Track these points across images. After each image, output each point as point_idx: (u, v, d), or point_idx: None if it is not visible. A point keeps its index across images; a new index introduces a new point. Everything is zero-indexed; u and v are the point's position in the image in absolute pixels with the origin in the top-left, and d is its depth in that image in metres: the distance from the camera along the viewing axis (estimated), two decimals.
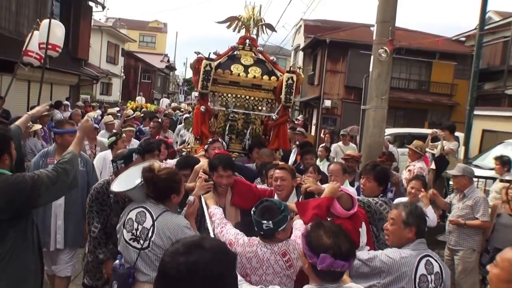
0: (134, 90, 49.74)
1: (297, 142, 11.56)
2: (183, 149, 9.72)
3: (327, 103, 30.72)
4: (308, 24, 38.05)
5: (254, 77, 8.04)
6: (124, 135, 9.06)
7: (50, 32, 10.20)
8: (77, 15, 26.56)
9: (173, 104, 37.13)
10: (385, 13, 9.98)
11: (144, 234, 4.21)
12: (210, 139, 7.32)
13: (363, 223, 4.84)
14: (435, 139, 11.05)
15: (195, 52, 8.23)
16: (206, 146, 7.20)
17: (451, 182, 9.18)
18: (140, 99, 31.12)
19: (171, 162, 7.50)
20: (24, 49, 10.79)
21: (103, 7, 30.10)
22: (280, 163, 6.24)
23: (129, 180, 4.64)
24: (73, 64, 25.66)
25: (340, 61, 30.14)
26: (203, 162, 5.82)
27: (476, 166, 12.46)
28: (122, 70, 45.56)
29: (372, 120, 9.88)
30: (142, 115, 18.85)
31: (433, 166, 10.06)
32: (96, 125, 9.64)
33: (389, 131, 18.69)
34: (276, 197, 5.37)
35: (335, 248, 3.01)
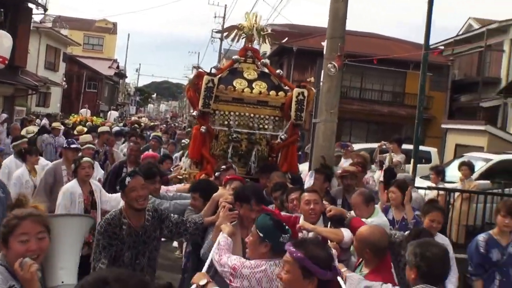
0: (76, 101, 48.86)
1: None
2: (178, 176, 9.43)
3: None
4: (275, 29, 39.32)
5: (260, 92, 8.13)
6: (84, 159, 7.92)
7: None
8: (14, 19, 26.69)
9: (132, 118, 37.37)
10: (334, 30, 11.36)
11: None
12: (223, 167, 7.22)
13: None
14: (383, 151, 12.96)
15: (194, 67, 8.54)
16: (217, 174, 7.14)
17: None
18: (85, 112, 31.18)
19: (173, 188, 7.52)
20: None
21: (45, 9, 30.42)
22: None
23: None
24: (8, 73, 25.32)
25: (308, 71, 30.76)
26: (222, 191, 5.90)
27: None
28: (64, 78, 44.45)
29: (322, 134, 11.20)
30: (86, 129, 18.55)
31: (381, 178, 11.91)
32: (77, 145, 9.19)
33: (357, 146, 20.36)
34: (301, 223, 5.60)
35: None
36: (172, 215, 5.66)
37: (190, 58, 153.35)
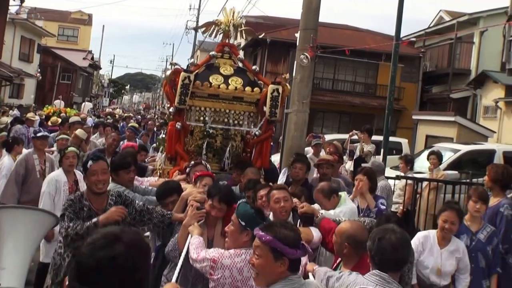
0: (50, 93, 48.01)
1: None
2: (152, 166, 9.44)
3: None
4: (250, 21, 39.07)
5: (236, 88, 8.14)
6: (69, 149, 8.02)
7: None
8: None
9: (107, 109, 37.26)
10: (308, 21, 11.47)
11: None
12: (193, 162, 7.26)
13: None
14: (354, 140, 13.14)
15: (171, 63, 8.38)
16: (188, 170, 7.12)
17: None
18: (59, 103, 31.05)
19: (146, 182, 7.45)
20: None
21: (22, 0, 29.32)
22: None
23: None
24: None
25: (281, 62, 31.08)
26: (190, 189, 5.88)
27: None
28: (38, 70, 44.27)
29: (294, 124, 11.27)
30: (60, 120, 18.26)
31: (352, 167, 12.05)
32: (44, 133, 9.37)
33: (329, 137, 20.56)
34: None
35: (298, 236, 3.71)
36: (137, 202, 5.68)
37: (165, 49, 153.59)
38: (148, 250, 2.53)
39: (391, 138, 16.56)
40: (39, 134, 9.18)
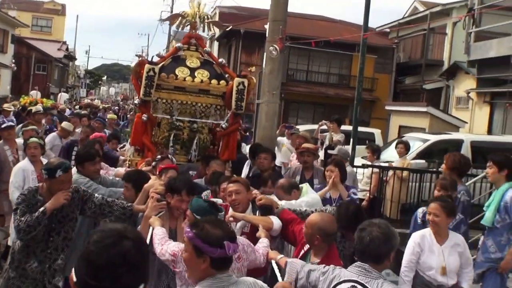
0: (26, 83, 47.72)
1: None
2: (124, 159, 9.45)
3: None
4: (224, 11, 38.28)
5: (202, 81, 8.25)
6: (31, 140, 8.26)
7: None
8: None
9: (86, 100, 37.21)
10: (277, 13, 11.55)
11: None
12: (159, 156, 7.41)
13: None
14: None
15: (136, 55, 8.19)
16: (154, 163, 7.24)
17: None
18: (35, 94, 30.89)
19: (112, 172, 7.65)
20: None
21: None
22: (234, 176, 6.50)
23: None
24: None
25: (256, 53, 30.97)
26: (153, 182, 5.92)
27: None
28: (13, 60, 43.84)
29: (265, 114, 11.44)
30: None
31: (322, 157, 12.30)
32: (8, 124, 9.45)
33: (303, 127, 20.74)
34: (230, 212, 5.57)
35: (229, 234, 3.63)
36: (96, 196, 5.71)
37: (141, 40, 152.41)
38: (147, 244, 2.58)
39: (364, 129, 16.80)
40: (3, 126, 9.26)
